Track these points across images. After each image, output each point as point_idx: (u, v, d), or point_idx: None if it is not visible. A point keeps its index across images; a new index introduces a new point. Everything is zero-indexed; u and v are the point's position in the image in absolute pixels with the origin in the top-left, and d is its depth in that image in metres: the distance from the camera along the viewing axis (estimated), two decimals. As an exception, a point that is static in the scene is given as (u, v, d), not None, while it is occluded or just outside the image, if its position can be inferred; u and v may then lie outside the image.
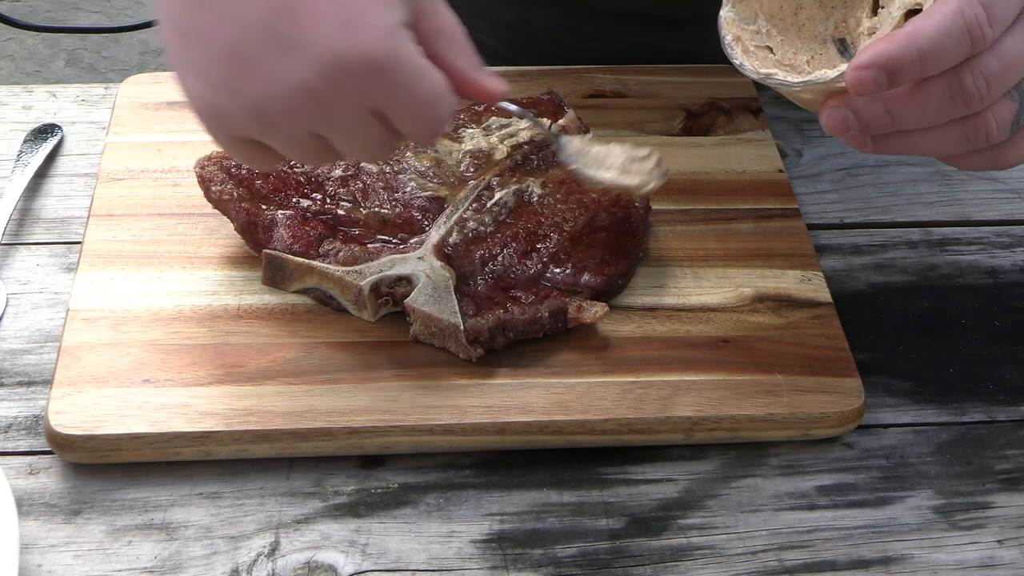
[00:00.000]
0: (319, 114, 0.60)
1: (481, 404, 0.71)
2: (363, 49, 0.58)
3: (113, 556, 0.66)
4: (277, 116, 0.60)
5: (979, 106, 0.61)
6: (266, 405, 0.71)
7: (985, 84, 0.60)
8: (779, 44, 0.67)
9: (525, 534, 0.68)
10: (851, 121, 0.61)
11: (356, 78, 0.59)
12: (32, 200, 0.85)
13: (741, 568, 0.67)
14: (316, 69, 0.58)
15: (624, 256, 0.78)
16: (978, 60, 0.59)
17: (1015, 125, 0.63)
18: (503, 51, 1.03)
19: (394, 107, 0.61)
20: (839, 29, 0.68)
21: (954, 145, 0.63)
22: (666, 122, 0.91)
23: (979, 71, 0.60)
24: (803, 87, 0.63)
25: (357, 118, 0.61)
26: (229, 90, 0.60)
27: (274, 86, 0.59)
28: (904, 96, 0.61)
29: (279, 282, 0.77)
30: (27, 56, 2.79)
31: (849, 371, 0.74)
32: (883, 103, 0.61)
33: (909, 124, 0.62)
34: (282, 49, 0.59)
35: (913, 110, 0.61)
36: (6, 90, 0.94)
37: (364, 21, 0.58)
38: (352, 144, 0.63)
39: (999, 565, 0.68)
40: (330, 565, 0.66)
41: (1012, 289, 0.83)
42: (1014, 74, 0.61)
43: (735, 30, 0.67)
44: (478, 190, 0.81)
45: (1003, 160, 0.65)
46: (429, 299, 0.74)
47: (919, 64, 0.58)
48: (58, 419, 0.69)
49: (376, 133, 0.62)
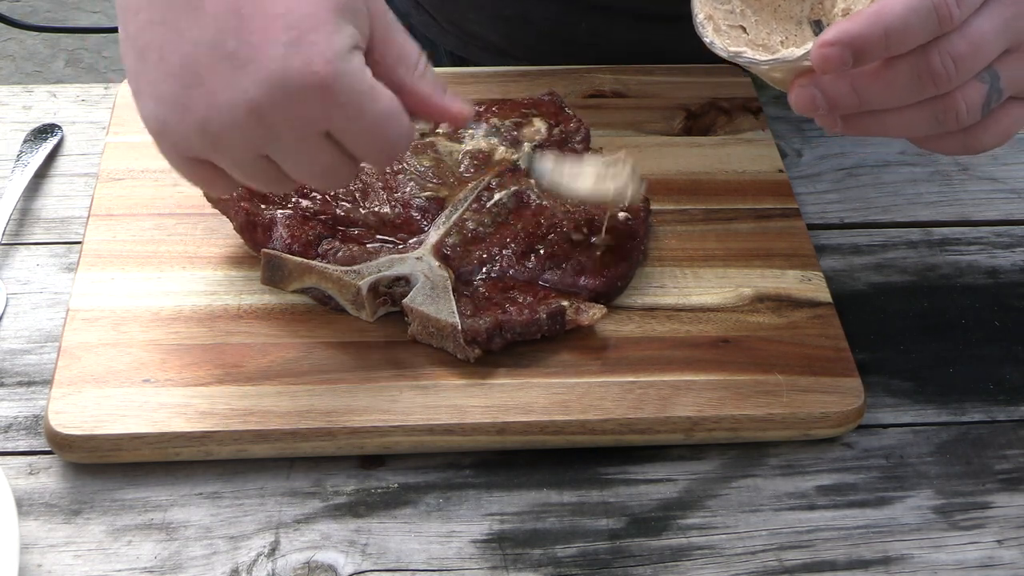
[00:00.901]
0: (267, 134, 0.60)
1: (481, 404, 0.71)
2: (310, 69, 0.58)
3: (113, 556, 0.66)
4: (224, 134, 0.60)
5: (947, 87, 0.60)
6: (266, 405, 0.71)
7: (953, 64, 0.59)
8: (753, 24, 0.67)
9: (525, 534, 0.68)
10: (819, 100, 0.61)
11: (303, 98, 0.59)
12: (32, 200, 0.85)
13: (741, 568, 0.67)
14: (262, 87, 0.58)
15: (624, 259, 0.78)
16: (946, 40, 0.59)
17: (986, 108, 0.62)
18: (502, 45, 1.03)
19: (345, 129, 0.61)
20: (815, 10, 0.68)
21: (924, 126, 0.63)
22: (666, 122, 0.91)
23: (947, 51, 0.59)
24: (771, 65, 0.63)
25: (306, 140, 0.61)
26: (179, 107, 0.60)
27: (221, 103, 0.59)
28: (871, 75, 0.60)
29: (278, 281, 0.77)
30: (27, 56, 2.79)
31: (849, 371, 0.74)
32: (850, 82, 0.60)
33: (877, 104, 0.61)
34: (231, 66, 0.58)
35: (880, 89, 0.60)
36: (6, 90, 0.94)
37: (313, 41, 0.58)
38: (301, 167, 0.62)
39: (999, 565, 0.68)
40: (330, 565, 0.66)
41: (1012, 289, 0.83)
42: (984, 55, 0.60)
43: (707, 9, 0.67)
44: (477, 191, 0.81)
45: (975, 143, 0.64)
46: (427, 299, 0.74)
47: (884, 42, 0.58)
48: (58, 419, 0.69)
49: (328, 157, 0.62)
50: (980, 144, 0.64)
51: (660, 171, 0.87)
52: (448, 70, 0.97)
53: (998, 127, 0.64)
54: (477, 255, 0.78)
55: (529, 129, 0.86)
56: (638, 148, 0.88)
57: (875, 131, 0.63)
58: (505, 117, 0.87)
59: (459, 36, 1.05)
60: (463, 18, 1.04)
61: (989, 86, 0.61)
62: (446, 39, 1.06)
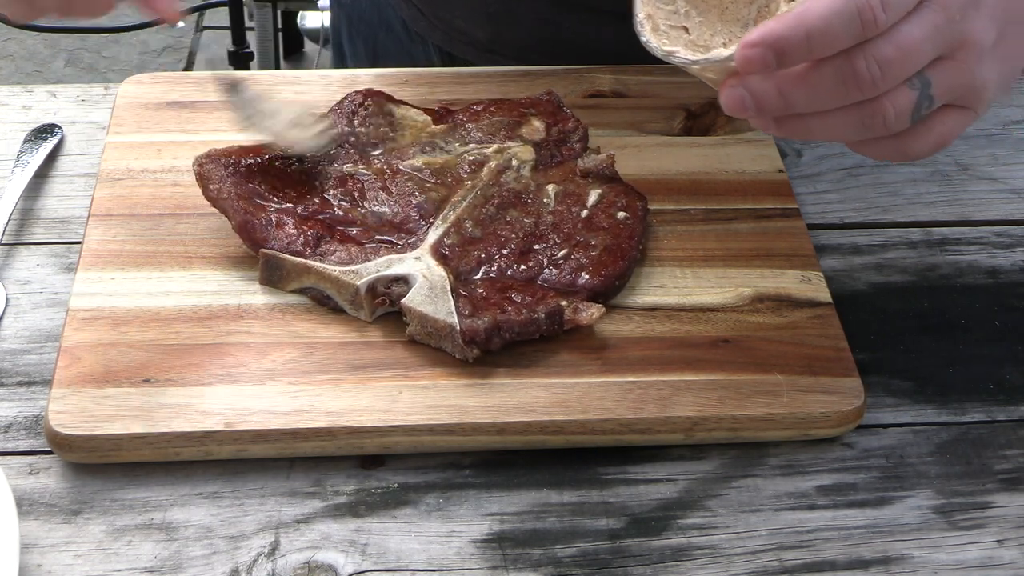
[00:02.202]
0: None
1: (481, 404, 0.71)
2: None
3: (113, 556, 0.66)
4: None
5: (873, 92, 0.60)
6: (266, 405, 0.71)
7: (879, 69, 0.59)
8: (697, 25, 0.67)
9: (525, 534, 0.68)
10: (747, 101, 0.61)
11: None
12: (32, 200, 0.85)
13: (741, 568, 0.67)
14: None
15: (621, 257, 0.78)
16: (872, 45, 0.59)
17: (916, 114, 0.62)
18: (488, 42, 1.03)
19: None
20: (762, 13, 0.67)
21: (851, 131, 0.62)
22: (666, 122, 0.91)
23: (872, 56, 0.59)
24: (702, 66, 0.63)
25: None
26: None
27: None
28: (796, 78, 0.60)
29: (276, 281, 0.77)
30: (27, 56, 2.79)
31: (849, 371, 0.74)
32: (776, 83, 0.60)
33: (803, 107, 0.61)
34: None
35: (805, 92, 0.60)
36: (6, 90, 0.94)
37: None
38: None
39: (999, 565, 0.68)
40: (330, 565, 0.66)
41: (1012, 289, 0.83)
42: (912, 61, 0.60)
43: (649, 8, 0.67)
44: (475, 191, 0.81)
45: (907, 151, 0.64)
46: (425, 299, 0.74)
47: (807, 45, 0.58)
48: (58, 419, 0.69)
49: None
50: (913, 151, 0.64)
51: (660, 171, 0.87)
52: (448, 70, 0.98)
53: (931, 134, 0.64)
54: (475, 255, 0.78)
55: (527, 129, 0.86)
56: (638, 148, 0.88)
57: (802, 134, 0.63)
58: (503, 117, 0.87)
59: (446, 32, 1.05)
60: (450, 14, 1.04)
61: (919, 92, 0.61)
62: (433, 34, 1.06)
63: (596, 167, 0.83)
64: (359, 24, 1.14)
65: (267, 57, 2.32)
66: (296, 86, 0.92)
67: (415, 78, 0.93)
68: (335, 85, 0.92)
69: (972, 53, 0.62)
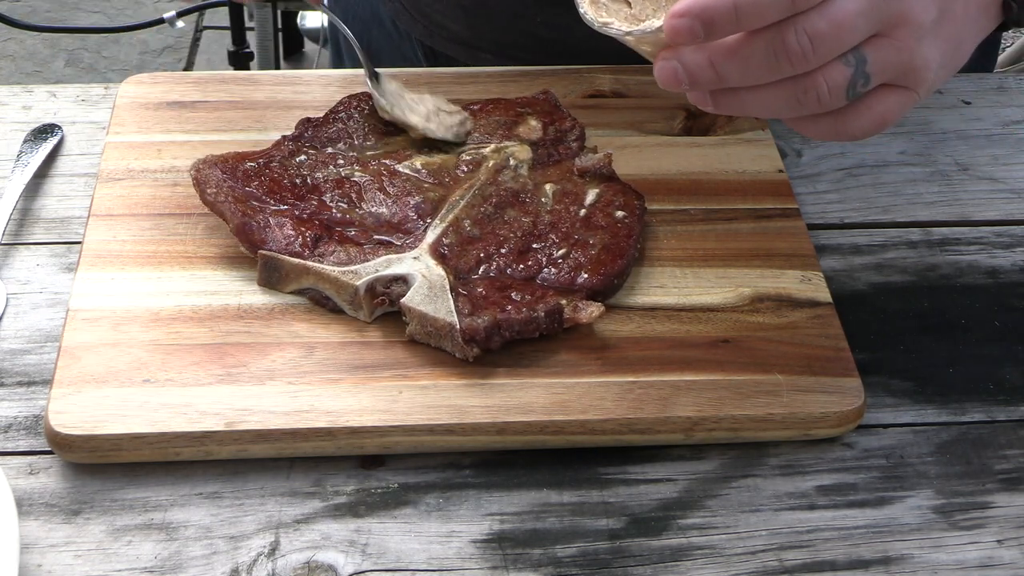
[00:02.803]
0: None
1: (481, 404, 0.71)
2: None
3: (113, 556, 0.66)
4: None
5: (805, 66, 0.59)
6: (266, 405, 0.71)
7: (810, 43, 0.58)
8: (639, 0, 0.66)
9: (525, 534, 0.68)
10: (680, 74, 0.60)
11: None
12: (32, 200, 0.85)
13: (741, 568, 0.67)
14: None
15: (620, 256, 0.78)
16: (804, 18, 0.58)
17: (851, 91, 0.61)
18: (466, 35, 1.03)
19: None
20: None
21: (784, 107, 0.61)
22: (666, 122, 0.91)
23: (803, 29, 0.58)
24: (637, 37, 0.62)
25: None
26: None
27: None
28: (728, 51, 0.59)
29: (275, 283, 0.77)
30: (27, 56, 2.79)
31: (849, 371, 0.74)
32: (707, 56, 0.59)
33: (736, 80, 0.60)
34: None
35: (737, 66, 0.59)
36: (6, 90, 0.94)
37: None
38: None
39: (999, 565, 0.68)
40: (330, 565, 0.66)
41: (1012, 289, 0.83)
42: (845, 36, 0.59)
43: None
44: (473, 190, 0.81)
45: (845, 129, 0.63)
46: (425, 299, 0.74)
47: (734, 16, 0.57)
48: (58, 419, 0.69)
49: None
50: (851, 130, 0.63)
51: (660, 171, 0.87)
52: (449, 70, 0.97)
53: (870, 113, 0.63)
54: (474, 254, 0.78)
55: (524, 128, 0.86)
56: (638, 148, 0.88)
57: (737, 109, 0.62)
58: (500, 116, 0.87)
59: (426, 26, 1.05)
60: (429, 7, 1.04)
61: (854, 69, 0.60)
62: (415, 28, 1.06)
63: (594, 166, 0.83)
64: (353, 21, 1.14)
65: (267, 57, 2.32)
66: (296, 86, 0.92)
67: (415, 78, 0.93)
68: (335, 85, 0.92)
69: (911, 31, 0.61)
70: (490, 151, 0.84)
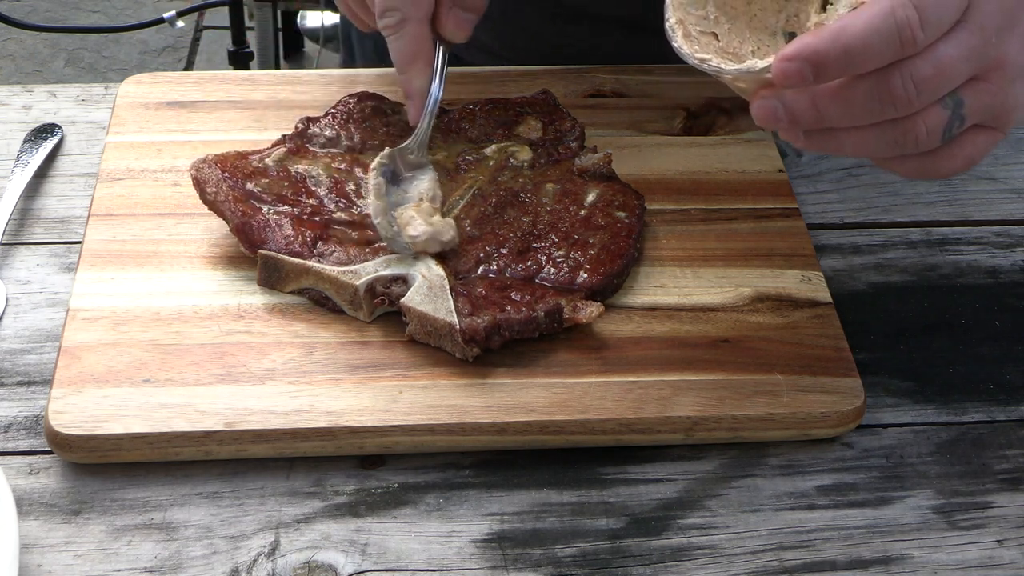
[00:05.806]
0: None
1: (481, 404, 0.71)
2: None
3: (113, 556, 0.66)
4: None
5: (907, 110, 0.60)
6: (266, 405, 0.71)
7: (915, 88, 0.59)
8: (726, 32, 0.67)
9: (525, 534, 0.68)
10: (780, 113, 0.61)
11: None
12: (32, 200, 0.85)
13: (741, 568, 0.67)
14: None
15: (619, 256, 0.78)
16: (909, 63, 0.59)
17: (947, 133, 0.62)
18: (496, 48, 1.03)
19: None
20: (791, 23, 0.67)
21: (882, 148, 0.62)
22: (666, 122, 0.91)
23: (909, 74, 0.59)
24: (735, 75, 0.63)
25: None
26: None
27: None
28: (832, 92, 0.60)
29: (275, 283, 0.77)
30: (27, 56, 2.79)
31: (849, 371, 0.74)
32: (811, 97, 0.60)
33: (836, 121, 0.61)
34: None
35: (840, 107, 0.60)
36: (6, 90, 0.94)
37: None
38: None
39: (999, 565, 0.68)
40: (330, 565, 0.66)
41: (1012, 289, 0.83)
42: (947, 81, 0.60)
43: (680, 13, 0.67)
44: (473, 190, 0.81)
45: (936, 169, 0.64)
46: (425, 299, 0.74)
47: (844, 61, 0.58)
48: (58, 419, 0.69)
49: None
50: (940, 170, 0.64)
51: (660, 171, 0.87)
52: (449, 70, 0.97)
53: (961, 153, 0.64)
54: (474, 254, 0.78)
55: (524, 128, 0.86)
56: (638, 148, 0.88)
57: (832, 149, 0.63)
58: (500, 116, 0.87)
59: None
60: None
61: (951, 112, 0.61)
62: None
63: (593, 166, 0.83)
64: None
65: (267, 57, 2.32)
66: (296, 86, 0.92)
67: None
68: (335, 85, 0.92)
69: (1005, 75, 0.62)
70: (490, 151, 0.84)
